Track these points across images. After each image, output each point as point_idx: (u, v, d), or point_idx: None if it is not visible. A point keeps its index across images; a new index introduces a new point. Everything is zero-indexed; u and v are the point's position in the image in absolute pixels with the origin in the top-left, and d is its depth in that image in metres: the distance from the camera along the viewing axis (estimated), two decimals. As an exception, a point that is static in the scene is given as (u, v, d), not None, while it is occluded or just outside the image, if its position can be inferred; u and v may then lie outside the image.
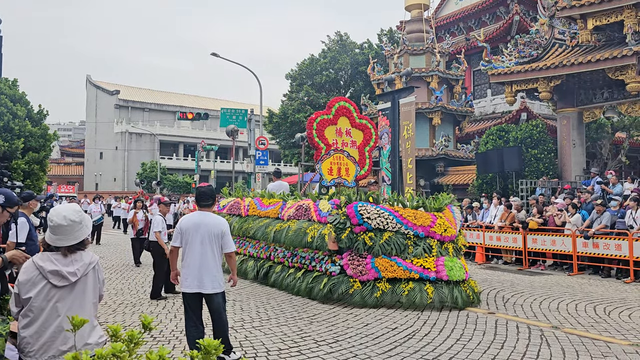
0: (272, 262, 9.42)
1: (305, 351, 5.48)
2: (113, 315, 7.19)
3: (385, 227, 7.74)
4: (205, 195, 5.12)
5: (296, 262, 8.72)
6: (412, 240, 7.82)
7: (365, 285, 7.52)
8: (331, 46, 36.14)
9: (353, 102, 10.96)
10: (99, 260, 3.04)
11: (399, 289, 7.46)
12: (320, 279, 7.94)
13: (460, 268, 7.74)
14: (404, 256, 7.67)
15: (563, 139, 18.16)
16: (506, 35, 25.34)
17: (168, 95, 66.71)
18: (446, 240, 7.97)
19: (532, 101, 23.10)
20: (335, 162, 10.36)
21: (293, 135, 35.50)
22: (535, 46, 17.91)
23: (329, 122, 10.31)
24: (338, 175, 10.35)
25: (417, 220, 7.90)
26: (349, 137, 10.60)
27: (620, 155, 22.38)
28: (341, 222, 7.75)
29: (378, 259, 7.60)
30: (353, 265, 7.62)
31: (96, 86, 62.53)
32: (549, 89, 16.91)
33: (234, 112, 27.52)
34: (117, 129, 57.11)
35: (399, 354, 5.37)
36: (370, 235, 7.67)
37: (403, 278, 7.55)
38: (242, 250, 10.47)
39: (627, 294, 8.94)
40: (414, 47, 22.78)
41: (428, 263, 7.63)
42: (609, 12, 15.03)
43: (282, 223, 9.26)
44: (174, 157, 57.93)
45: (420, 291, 7.41)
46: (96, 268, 2.94)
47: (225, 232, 4.99)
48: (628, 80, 14.78)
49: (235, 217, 11.23)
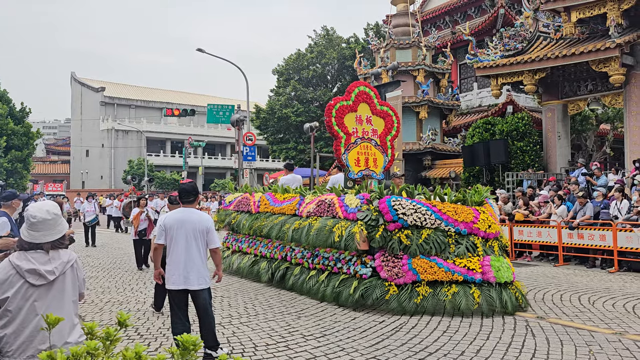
0: (288, 264, 8.63)
1: (292, 346, 5.49)
2: (100, 313, 7.14)
3: (422, 223, 6.97)
4: (187, 192, 5.10)
5: (318, 264, 7.90)
6: (454, 238, 7.06)
7: (403, 290, 6.76)
8: (318, 41, 36.07)
9: (373, 87, 10.05)
10: (78, 258, 3.00)
11: (441, 293, 6.70)
12: (348, 283, 7.16)
13: (508, 268, 7.01)
14: (445, 256, 6.92)
15: (548, 131, 18.30)
16: (492, 28, 25.44)
17: (154, 92, 66.19)
18: (490, 237, 7.25)
19: (517, 94, 23.23)
20: (362, 152, 9.35)
21: (281, 131, 35.49)
22: (520, 39, 18.00)
23: (348, 109, 9.35)
24: (366, 167, 9.34)
25: (458, 216, 7.13)
26: (369, 125, 9.60)
27: (604, 147, 22.62)
28: (373, 218, 6.97)
29: (416, 259, 6.83)
30: (388, 267, 6.85)
31: (81, 83, 61.86)
32: (534, 82, 17.02)
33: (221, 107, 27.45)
34: (103, 126, 56.58)
35: (386, 347, 5.39)
36: (406, 233, 6.91)
37: (445, 281, 6.79)
38: (253, 251, 9.74)
39: (611, 283, 9.05)
40: (400, 41, 22.79)
41: (472, 263, 6.86)
42: (592, 5, 15.14)
43: (301, 220, 8.33)
44: (161, 154, 57.53)
45: (465, 295, 6.64)
46: (75, 266, 2.90)
47: (210, 228, 4.99)
48: (611, 73, 14.92)
49: (244, 215, 10.32)
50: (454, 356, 5.08)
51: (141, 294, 8.43)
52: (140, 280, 9.77)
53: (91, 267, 11.53)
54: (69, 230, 3.43)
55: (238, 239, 10.43)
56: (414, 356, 5.09)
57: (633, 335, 5.69)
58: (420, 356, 5.09)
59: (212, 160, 59.72)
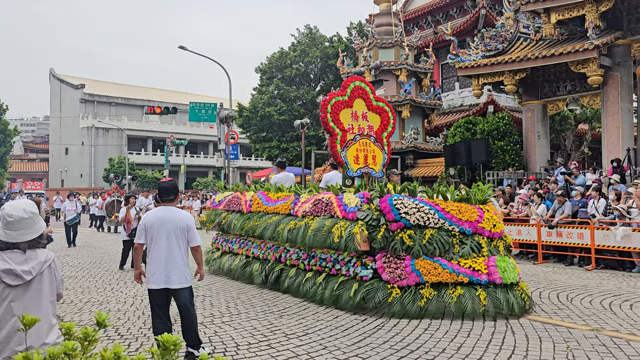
0: (283, 265, 8.30)
1: (275, 344, 5.48)
2: (79, 313, 7.04)
3: (426, 223, 6.70)
4: (167, 190, 5.05)
5: (314, 265, 7.62)
6: (458, 238, 6.81)
7: (406, 292, 6.49)
8: (301, 39, 36.03)
9: (369, 83, 9.78)
10: (56, 257, 2.96)
11: (446, 296, 6.45)
12: (348, 285, 6.90)
13: (514, 269, 6.78)
14: (449, 257, 6.66)
15: (528, 130, 18.55)
16: (473, 28, 25.68)
17: (135, 89, 65.45)
18: (495, 237, 7.04)
19: (498, 94, 23.50)
20: (361, 148, 9.02)
21: (263, 129, 35.36)
22: (501, 40, 18.21)
23: (344, 105, 9.06)
24: (365, 164, 9.02)
25: (462, 215, 6.89)
26: (365, 121, 9.35)
27: (583, 146, 23.01)
28: (374, 218, 6.70)
29: (419, 260, 6.57)
30: (390, 269, 6.57)
31: (60, 80, 60.90)
32: (514, 82, 17.24)
33: (204, 106, 27.24)
34: (83, 124, 55.79)
35: (368, 345, 5.41)
36: (409, 233, 6.63)
37: (450, 282, 6.54)
38: (244, 252, 9.37)
39: (589, 281, 9.21)
40: (382, 41, 22.89)
41: (478, 264, 6.62)
42: (571, 7, 15.38)
43: (297, 220, 8.00)
44: (142, 152, 56.95)
45: (471, 297, 6.40)
46: (52, 266, 2.86)
47: (190, 226, 4.96)
48: (589, 74, 15.18)
49: (234, 214, 9.93)
50: (435, 353, 5.12)
51: (121, 294, 8.33)
52: (120, 280, 9.67)
53: (70, 267, 11.37)
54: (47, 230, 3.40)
55: (228, 240, 10.10)
56: (395, 354, 5.13)
57: (609, 332, 5.81)
58: (401, 354, 5.12)
59: (194, 159, 59.31)
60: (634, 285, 8.81)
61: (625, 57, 15.64)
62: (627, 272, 10.06)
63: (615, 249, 10.23)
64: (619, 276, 9.73)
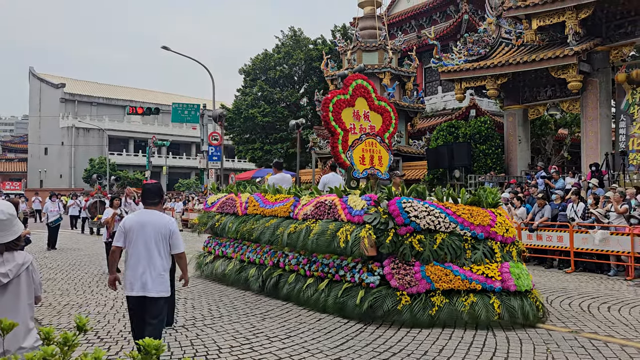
0: (281, 270, 7.90)
1: (257, 347, 5.45)
2: (58, 316, 6.92)
3: (436, 227, 6.41)
4: (151, 193, 4.81)
5: (316, 271, 7.23)
6: (470, 243, 6.52)
7: (416, 300, 6.17)
8: (285, 41, 36.03)
9: (371, 81, 9.60)
10: (34, 259, 2.91)
11: (458, 303, 6.15)
12: (353, 292, 6.56)
13: (527, 275, 6.52)
14: (461, 262, 6.37)
15: (509, 135, 18.78)
16: (456, 33, 25.94)
17: (117, 89, 64.72)
18: (508, 242, 6.77)
19: (480, 98, 23.76)
20: (367, 149, 8.68)
21: (247, 131, 35.26)
22: (483, 45, 18.43)
23: (346, 103, 8.77)
24: (371, 165, 8.66)
25: (474, 219, 6.61)
26: (367, 121, 9.04)
27: (562, 151, 23.35)
28: (382, 222, 6.39)
29: (429, 266, 6.27)
30: (399, 275, 6.24)
31: (40, 79, 59.94)
32: (496, 87, 17.45)
33: (187, 107, 27.11)
34: (63, 124, 54.96)
35: (351, 348, 5.42)
36: (419, 237, 6.33)
37: (462, 289, 6.25)
38: (239, 256, 8.93)
39: (568, 283, 9.35)
40: (366, 44, 22.99)
41: (491, 270, 6.33)
42: (551, 13, 15.62)
43: (297, 224, 7.60)
44: (123, 153, 56.30)
45: (484, 305, 6.10)
46: (30, 268, 2.81)
47: (173, 231, 4.65)
48: (569, 79, 15.43)
49: (229, 217, 9.50)
50: (417, 356, 5.15)
51: (101, 296, 8.22)
52: (100, 282, 9.53)
53: (49, 269, 11.19)
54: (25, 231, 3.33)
55: (222, 243, 9.65)
56: (377, 356, 5.14)
57: (588, 334, 5.90)
58: (384, 356, 5.14)
59: (177, 160, 58.82)
60: (611, 287, 8.97)
61: (604, 64, 15.94)
62: (605, 275, 10.23)
63: (594, 252, 10.41)
64: (597, 279, 9.90)
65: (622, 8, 15.11)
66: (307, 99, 35.21)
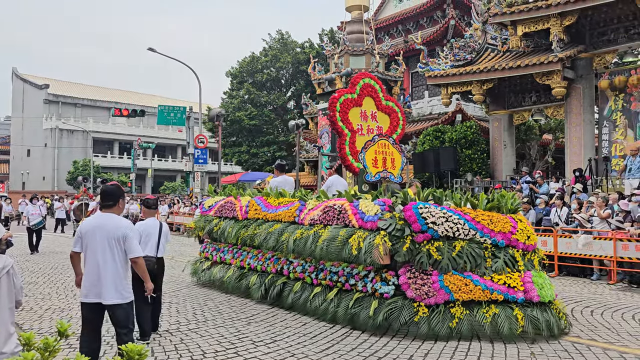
0: (286, 278, 7.52)
1: (242, 352, 5.41)
2: (39, 321, 6.81)
3: (455, 234, 6.08)
4: (106, 194, 4.54)
5: (324, 279, 6.86)
6: (490, 251, 6.18)
7: (434, 311, 5.82)
8: (272, 44, 36.03)
9: (378, 80, 9.27)
10: (14, 263, 2.85)
11: (479, 315, 5.81)
12: (365, 303, 6.20)
13: (550, 285, 6.22)
14: (481, 272, 6.03)
15: (495, 140, 18.94)
16: (442, 38, 26.12)
17: (102, 91, 64.14)
18: (529, 249, 6.44)
19: (466, 103, 23.95)
20: (380, 150, 8.20)
21: (233, 134, 35.15)
22: (469, 50, 18.59)
23: (353, 103, 8.43)
24: (384, 168, 8.21)
25: (494, 225, 6.27)
26: (374, 121, 8.69)
27: (547, 156, 23.61)
28: (398, 228, 6.02)
29: (448, 275, 5.91)
30: (416, 285, 5.87)
31: (23, 79, 59.19)
32: (482, 92, 17.60)
33: (172, 109, 26.91)
34: (47, 125, 54.30)
35: (336, 352, 5.40)
36: (437, 245, 5.99)
37: (483, 300, 5.90)
38: (238, 262, 8.48)
39: (552, 287, 9.42)
40: (354, 48, 23.07)
41: (513, 280, 6.00)
42: (536, 20, 15.82)
43: (303, 229, 7.19)
44: (108, 155, 55.79)
45: (507, 317, 5.77)
46: (11, 272, 2.76)
47: (127, 236, 4.40)
48: (553, 85, 15.62)
49: (228, 221, 9.07)
50: (394, 356, 5.15)
51: (84, 301, 8.10)
52: (83, 286, 9.40)
53: (30, 273, 11.01)
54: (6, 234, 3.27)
55: (220, 249, 9.21)
56: (363, 361, 5.13)
57: (571, 338, 5.95)
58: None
59: (162, 163, 58.45)
60: (594, 291, 9.07)
61: (588, 70, 16.16)
62: (588, 279, 10.35)
63: (577, 257, 10.52)
64: (581, 283, 10.01)
65: (605, 16, 15.36)
66: (294, 102, 35.22)
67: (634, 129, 15.51)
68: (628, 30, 15.27)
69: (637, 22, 15.01)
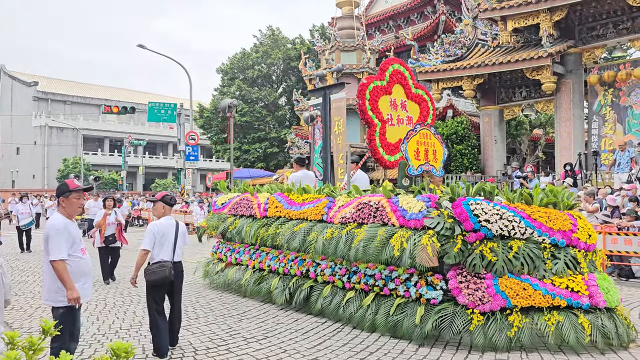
0: (312, 282, 6.94)
1: (234, 349, 5.41)
2: (29, 320, 6.77)
3: (510, 233, 5.50)
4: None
5: (357, 282, 6.28)
6: (549, 252, 5.60)
7: (491, 319, 5.24)
8: (263, 41, 35.93)
9: (408, 67, 8.72)
10: (4, 262, 2.83)
11: (541, 323, 5.23)
12: (409, 310, 5.65)
13: (616, 289, 5.70)
14: (540, 274, 5.47)
15: (486, 135, 19.03)
16: (433, 34, 26.17)
17: (92, 88, 63.72)
18: (590, 249, 5.86)
19: (457, 99, 24.02)
20: (422, 141, 7.52)
21: (225, 131, 35.02)
22: (459, 46, 18.63)
23: (383, 91, 7.87)
24: (426, 161, 7.57)
25: (552, 223, 5.68)
26: (404, 111, 8.11)
27: (537, 151, 23.78)
28: (447, 227, 5.46)
29: (503, 279, 5.36)
30: (468, 290, 5.32)
31: (12, 77, 58.69)
32: (472, 87, 17.66)
33: (163, 106, 26.79)
34: (36, 123, 53.87)
35: (328, 348, 5.41)
36: (491, 245, 5.40)
37: (544, 307, 5.33)
38: (257, 264, 7.89)
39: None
40: (345, 44, 23.05)
41: (576, 283, 5.46)
42: (526, 15, 15.88)
43: (334, 228, 6.61)
44: (99, 153, 55.47)
45: (572, 325, 5.20)
46: (0, 271, 2.73)
47: (48, 236, 4.14)
48: (543, 80, 15.70)
49: (245, 219, 8.42)
50: (394, 355, 5.17)
51: (75, 299, 8.06)
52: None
53: (20, 271, 10.94)
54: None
55: (234, 249, 8.58)
56: (354, 356, 5.14)
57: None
58: (361, 356, 5.14)
59: (153, 160, 58.19)
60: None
61: (577, 65, 16.26)
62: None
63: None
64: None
65: (594, 11, 15.45)
66: (285, 98, 35.17)
67: (623, 124, 15.64)
68: (617, 26, 15.37)
69: (625, 17, 15.11)
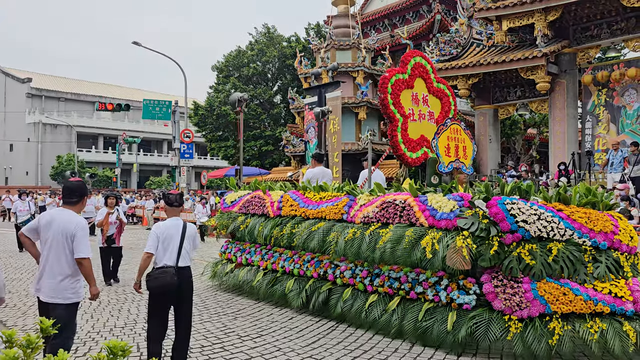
0: (331, 284, 6.62)
1: (228, 347, 5.42)
2: (23, 318, 6.76)
3: (549, 234, 5.16)
4: (68, 190, 4.40)
5: (380, 285, 5.97)
6: (589, 254, 5.26)
7: (529, 327, 4.91)
8: (258, 38, 35.87)
9: (429, 60, 8.48)
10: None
11: (583, 331, 4.88)
12: (438, 315, 5.35)
13: None
14: (580, 279, 5.15)
15: (480, 134, 19.09)
16: (428, 33, 26.23)
17: (86, 85, 63.41)
18: (632, 252, 5.54)
19: (452, 98, 24.04)
20: (453, 137, 7.21)
21: (220, 128, 34.97)
22: (455, 45, 18.68)
23: (405, 84, 7.58)
24: (456, 157, 7.26)
25: (593, 224, 5.33)
26: (426, 106, 7.83)
27: (531, 150, 23.87)
28: (483, 228, 5.12)
29: (541, 283, 5.03)
30: (505, 295, 5.01)
31: (5, 73, 58.30)
32: (467, 87, 17.71)
33: (158, 103, 26.71)
34: (29, 120, 53.57)
35: (322, 346, 5.44)
36: (529, 247, 5.08)
37: (586, 313, 4.99)
38: (269, 265, 7.59)
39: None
40: (340, 42, 23.05)
41: (619, 288, 5.11)
42: (521, 15, 15.93)
43: (355, 228, 6.22)
44: (93, 150, 55.23)
45: (617, 334, 4.86)
46: (-7, 269, 2.73)
47: (75, 234, 4.20)
48: (538, 80, 15.77)
49: (257, 218, 8.04)
50: (388, 353, 5.20)
51: (69, 297, 8.04)
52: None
53: (14, 269, 10.90)
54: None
55: (245, 249, 8.30)
56: (349, 354, 5.17)
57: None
58: (355, 354, 5.17)
59: (148, 157, 57.99)
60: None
61: (571, 65, 16.33)
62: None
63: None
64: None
65: (588, 11, 15.52)
66: (280, 96, 35.14)
67: (617, 124, 15.73)
68: (611, 26, 15.45)
69: (619, 17, 15.19)
